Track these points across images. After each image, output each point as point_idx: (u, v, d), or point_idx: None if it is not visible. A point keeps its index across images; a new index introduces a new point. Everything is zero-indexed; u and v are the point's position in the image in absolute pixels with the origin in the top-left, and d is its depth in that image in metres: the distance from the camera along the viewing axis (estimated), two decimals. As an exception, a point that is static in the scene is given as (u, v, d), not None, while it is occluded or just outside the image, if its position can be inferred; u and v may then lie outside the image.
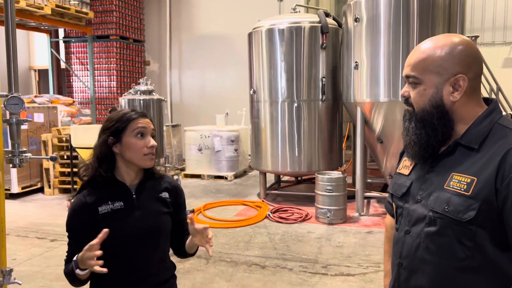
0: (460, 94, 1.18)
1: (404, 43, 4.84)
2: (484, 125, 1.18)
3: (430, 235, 1.18)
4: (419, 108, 1.22)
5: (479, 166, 1.13)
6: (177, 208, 1.65)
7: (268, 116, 5.97)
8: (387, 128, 5.12)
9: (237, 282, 3.52)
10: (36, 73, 11.20)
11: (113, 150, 1.53)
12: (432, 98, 1.19)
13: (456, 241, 1.13)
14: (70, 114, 7.92)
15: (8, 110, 1.61)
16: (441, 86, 1.18)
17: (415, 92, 1.22)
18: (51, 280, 3.60)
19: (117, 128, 1.52)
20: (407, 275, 1.26)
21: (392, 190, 1.37)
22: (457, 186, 1.14)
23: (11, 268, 1.46)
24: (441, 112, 1.19)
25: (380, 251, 4.10)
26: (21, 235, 4.78)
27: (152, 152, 1.53)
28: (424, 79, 1.20)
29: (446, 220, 1.14)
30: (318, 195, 5.16)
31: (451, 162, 1.20)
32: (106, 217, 1.50)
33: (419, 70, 1.20)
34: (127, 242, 1.50)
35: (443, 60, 1.17)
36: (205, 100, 9.87)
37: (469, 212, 1.10)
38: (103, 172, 1.51)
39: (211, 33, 9.75)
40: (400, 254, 1.28)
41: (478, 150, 1.16)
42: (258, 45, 5.98)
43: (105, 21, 9.27)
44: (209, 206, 5.81)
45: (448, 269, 1.16)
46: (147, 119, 1.56)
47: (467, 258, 1.12)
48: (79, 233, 1.52)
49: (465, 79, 1.17)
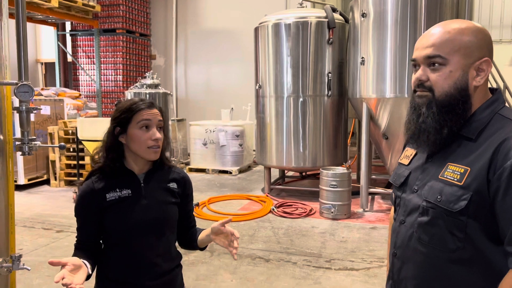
0: (483, 79, 1.14)
1: (411, 39, 4.81)
2: (485, 115, 1.14)
3: (422, 225, 1.16)
4: (441, 92, 1.14)
5: (474, 157, 1.10)
6: (184, 199, 1.65)
7: (274, 111, 5.97)
8: (392, 124, 5.11)
9: (241, 274, 3.54)
10: (42, 66, 11.26)
11: (120, 140, 1.53)
12: (458, 81, 1.13)
13: (447, 232, 1.11)
14: (76, 107, 7.96)
15: (18, 97, 1.62)
16: (468, 69, 1.13)
17: (437, 75, 1.14)
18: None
19: (123, 119, 1.51)
20: (400, 265, 1.25)
21: (392, 180, 1.36)
22: (450, 176, 1.11)
23: (20, 254, 1.48)
24: (465, 97, 1.14)
25: (384, 246, 4.11)
26: (27, 225, 4.82)
27: (156, 145, 1.51)
28: (451, 60, 1.13)
29: (438, 210, 1.12)
30: (322, 190, 5.16)
31: (449, 152, 1.16)
32: (113, 204, 1.50)
33: (446, 50, 1.12)
34: (132, 230, 1.51)
35: (471, 43, 1.13)
36: (210, 94, 9.88)
37: (460, 202, 1.07)
38: (110, 161, 1.52)
39: (217, 27, 9.75)
40: (395, 244, 1.27)
41: (475, 140, 1.12)
42: (264, 39, 5.97)
43: (112, 15, 9.29)
44: (214, 200, 5.83)
45: (439, 260, 1.14)
46: (155, 109, 1.53)
47: (458, 250, 1.10)
48: (87, 218, 1.53)
49: (489, 64, 1.14)
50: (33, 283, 3.39)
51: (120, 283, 1.53)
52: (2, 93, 1.65)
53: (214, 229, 1.55)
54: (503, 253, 1.05)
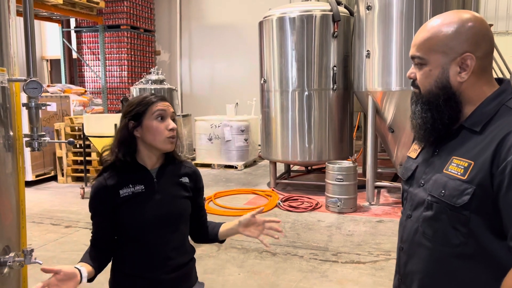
0: (467, 74, 1.12)
1: (417, 31, 4.78)
2: (491, 107, 1.12)
3: (427, 219, 1.16)
4: (425, 90, 1.18)
5: (478, 150, 1.08)
6: (196, 193, 1.67)
7: (279, 106, 5.96)
8: (398, 117, 5.09)
9: (248, 268, 3.56)
10: (48, 63, 11.31)
11: (134, 134, 1.53)
12: (438, 79, 1.14)
13: (450, 227, 1.10)
14: (82, 103, 8.00)
15: (27, 94, 1.63)
16: (448, 66, 1.13)
17: (420, 73, 1.18)
18: (66, 264, 3.67)
19: (138, 112, 1.52)
20: (406, 259, 1.25)
21: (400, 174, 1.36)
22: (454, 170, 1.10)
23: (32, 248, 1.50)
24: (448, 94, 1.14)
25: (391, 239, 4.11)
26: (36, 221, 4.87)
27: (173, 135, 1.53)
28: (429, 59, 1.14)
29: (441, 204, 1.11)
30: (328, 184, 5.17)
31: (454, 145, 1.16)
32: (127, 200, 1.51)
33: (424, 50, 1.15)
34: (146, 226, 1.52)
35: (449, 39, 1.11)
36: (215, 90, 9.89)
37: (463, 197, 1.06)
38: (122, 156, 1.52)
39: (221, 22, 9.73)
40: (401, 238, 1.28)
41: (480, 133, 1.10)
42: (268, 34, 5.96)
43: (116, 11, 9.31)
44: (220, 195, 5.86)
45: (442, 255, 1.14)
46: (167, 102, 1.56)
47: (461, 245, 1.09)
48: (102, 216, 1.54)
49: (473, 58, 1.10)
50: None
51: (136, 277, 1.54)
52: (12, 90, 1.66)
53: (244, 221, 1.61)
54: (506, 248, 1.03)
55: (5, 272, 1.47)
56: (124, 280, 1.56)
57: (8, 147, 1.58)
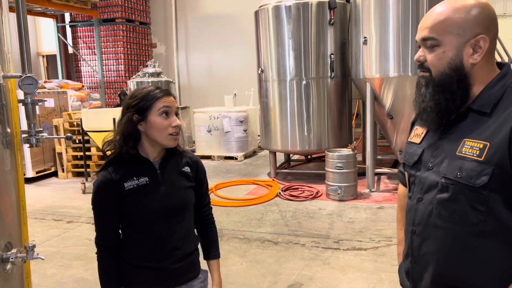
0: (480, 56, 1.15)
1: (414, 16, 4.75)
2: (497, 89, 1.16)
3: (442, 201, 1.18)
4: (437, 72, 1.19)
5: (491, 131, 1.11)
6: (198, 182, 1.68)
7: (277, 95, 5.95)
8: (397, 103, 5.08)
9: (250, 257, 3.58)
10: (44, 58, 11.24)
11: (138, 128, 1.53)
12: (452, 60, 1.16)
13: (469, 206, 1.13)
14: (79, 98, 7.98)
15: (23, 90, 1.62)
16: (462, 48, 1.15)
17: (432, 55, 1.19)
18: (69, 259, 3.70)
19: (142, 107, 1.51)
20: (419, 242, 1.27)
21: (404, 159, 1.37)
22: (469, 152, 1.13)
23: (34, 244, 1.50)
24: (461, 75, 1.16)
25: (392, 225, 4.13)
26: (38, 217, 4.89)
27: (176, 132, 1.53)
28: (444, 41, 1.16)
29: (458, 186, 1.14)
30: (328, 172, 5.18)
31: (463, 128, 1.18)
32: (132, 192, 1.51)
33: (439, 31, 1.16)
34: (153, 217, 1.53)
35: (464, 21, 1.14)
36: (213, 81, 9.85)
37: (482, 177, 1.09)
38: (130, 149, 1.52)
39: (217, 12, 9.66)
40: (413, 221, 1.29)
41: (490, 114, 1.14)
42: (265, 23, 5.91)
43: (111, 4, 9.23)
44: (221, 186, 5.87)
45: (460, 234, 1.16)
46: (171, 97, 1.55)
47: (480, 223, 1.12)
48: (106, 210, 1.54)
49: (486, 40, 1.14)
50: (47, 273, 3.45)
51: (143, 268, 1.55)
52: (7, 86, 1.65)
53: None
54: None
55: (8, 269, 1.48)
56: (132, 272, 1.57)
57: (6, 144, 1.57)
